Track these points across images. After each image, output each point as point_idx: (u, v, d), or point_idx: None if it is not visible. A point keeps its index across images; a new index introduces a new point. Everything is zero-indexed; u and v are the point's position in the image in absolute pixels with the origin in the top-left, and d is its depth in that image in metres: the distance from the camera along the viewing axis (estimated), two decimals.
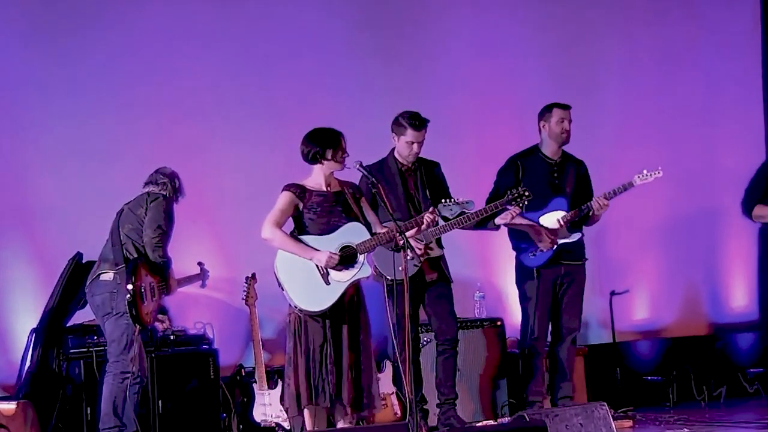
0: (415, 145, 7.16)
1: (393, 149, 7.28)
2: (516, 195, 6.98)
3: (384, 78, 8.63)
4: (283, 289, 6.32)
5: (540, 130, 7.58)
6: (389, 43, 8.76)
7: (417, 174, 7.28)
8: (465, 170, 8.11)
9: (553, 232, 7.41)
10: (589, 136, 8.26)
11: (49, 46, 7.95)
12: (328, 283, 6.29)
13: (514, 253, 7.65)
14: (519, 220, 7.30)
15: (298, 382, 6.29)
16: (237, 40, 8.38)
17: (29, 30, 7.93)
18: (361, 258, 6.32)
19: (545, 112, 7.52)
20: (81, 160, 8.00)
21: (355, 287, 6.40)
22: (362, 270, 6.32)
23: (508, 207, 7.06)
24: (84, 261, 7.50)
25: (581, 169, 7.63)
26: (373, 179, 6.35)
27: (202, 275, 7.37)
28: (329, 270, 6.27)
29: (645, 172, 7.37)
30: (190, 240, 7.88)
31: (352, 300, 6.39)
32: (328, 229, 6.34)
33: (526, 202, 7.01)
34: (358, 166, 6.39)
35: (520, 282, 7.59)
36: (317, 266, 6.28)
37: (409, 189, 7.24)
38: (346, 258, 6.28)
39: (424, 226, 6.54)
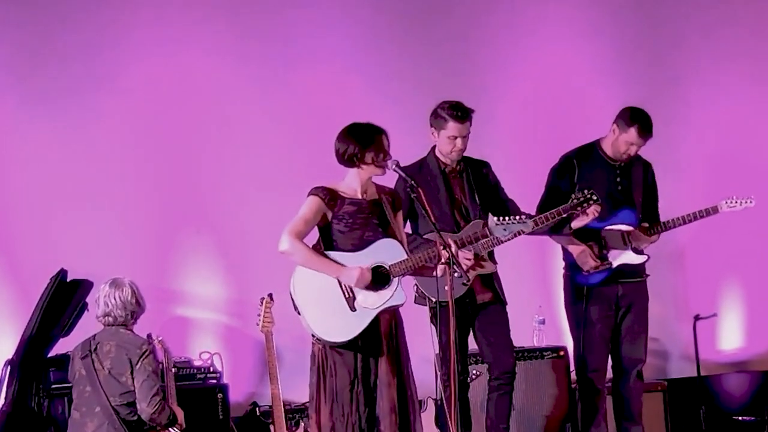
0: (459, 140, 6.71)
1: (433, 148, 6.86)
2: (581, 200, 6.61)
3: (422, 72, 8.42)
4: (299, 314, 5.86)
5: (612, 131, 7.23)
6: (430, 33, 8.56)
7: (463, 176, 6.85)
8: (516, 174, 7.81)
9: (616, 241, 7.11)
10: (665, 143, 8.05)
11: (37, 53, 7.82)
12: (353, 309, 5.83)
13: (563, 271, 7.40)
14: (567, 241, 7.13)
15: (321, 424, 5.89)
16: (245, 42, 8.22)
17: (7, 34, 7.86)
18: (394, 281, 5.88)
19: (623, 120, 7.13)
20: (67, 160, 7.81)
21: (392, 313, 5.96)
22: (395, 296, 5.86)
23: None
24: (69, 279, 7.20)
25: (649, 176, 7.35)
26: (413, 182, 5.93)
27: (163, 349, 6.84)
28: (356, 294, 5.83)
29: (734, 198, 7.26)
30: (193, 254, 7.86)
31: (390, 328, 5.94)
32: (360, 245, 5.91)
33: (594, 206, 6.68)
34: (394, 166, 5.93)
35: (571, 303, 7.27)
36: (343, 288, 5.84)
37: (455, 193, 6.80)
38: (378, 280, 5.85)
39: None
